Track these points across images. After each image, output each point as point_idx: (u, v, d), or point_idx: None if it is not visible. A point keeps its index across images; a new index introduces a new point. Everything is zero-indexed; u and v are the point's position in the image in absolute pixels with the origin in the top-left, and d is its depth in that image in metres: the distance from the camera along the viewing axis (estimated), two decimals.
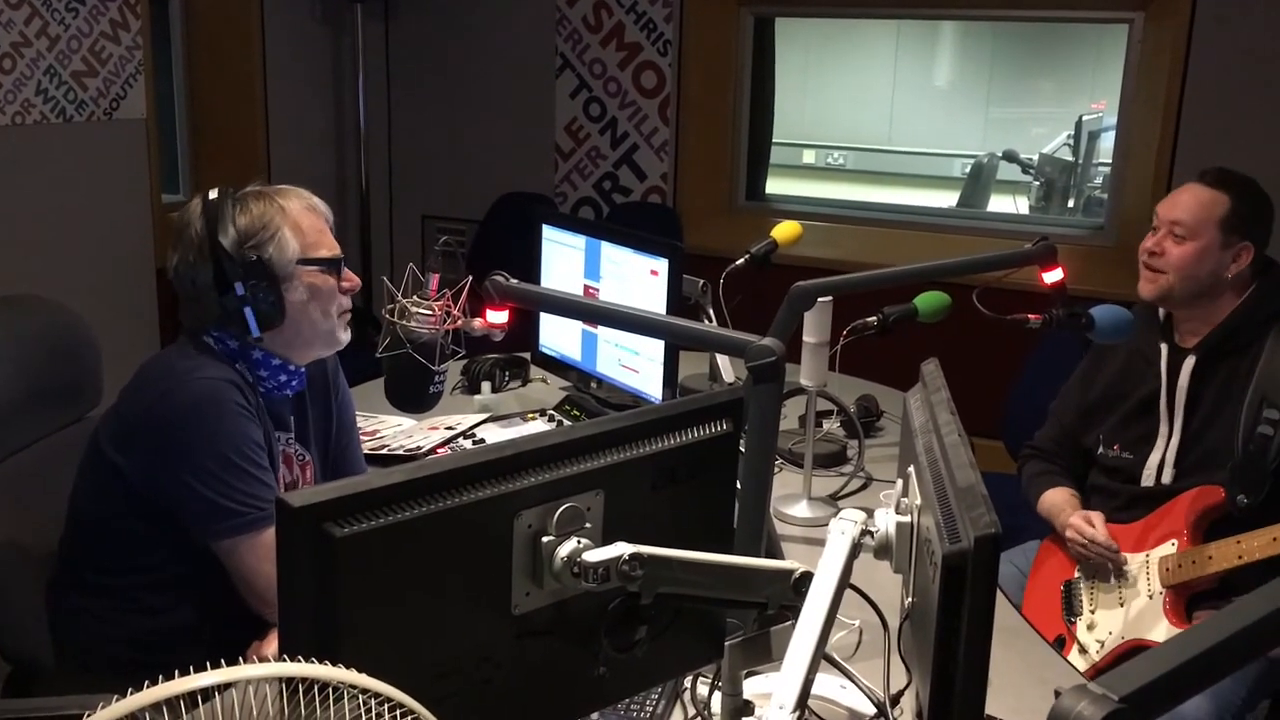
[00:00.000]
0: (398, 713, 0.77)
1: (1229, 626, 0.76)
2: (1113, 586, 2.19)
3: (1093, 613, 2.19)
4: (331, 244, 1.78)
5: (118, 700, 0.71)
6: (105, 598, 1.74)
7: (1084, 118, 6.62)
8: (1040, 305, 2.19)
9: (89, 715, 0.71)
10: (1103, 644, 2.14)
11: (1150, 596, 2.12)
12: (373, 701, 0.76)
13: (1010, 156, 6.70)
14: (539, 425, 2.56)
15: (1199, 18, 3.84)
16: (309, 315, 1.75)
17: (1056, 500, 2.33)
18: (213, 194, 1.71)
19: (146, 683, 0.72)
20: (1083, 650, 2.16)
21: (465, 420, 2.53)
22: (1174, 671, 0.74)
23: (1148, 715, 0.72)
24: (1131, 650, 2.08)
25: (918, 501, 1.16)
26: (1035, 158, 6.71)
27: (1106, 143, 5.73)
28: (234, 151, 4.65)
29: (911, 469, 1.21)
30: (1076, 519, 2.23)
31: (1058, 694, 0.70)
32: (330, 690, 0.76)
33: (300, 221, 1.73)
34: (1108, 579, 2.19)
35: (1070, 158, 6.67)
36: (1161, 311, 2.29)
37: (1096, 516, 2.22)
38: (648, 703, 1.46)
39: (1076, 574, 2.26)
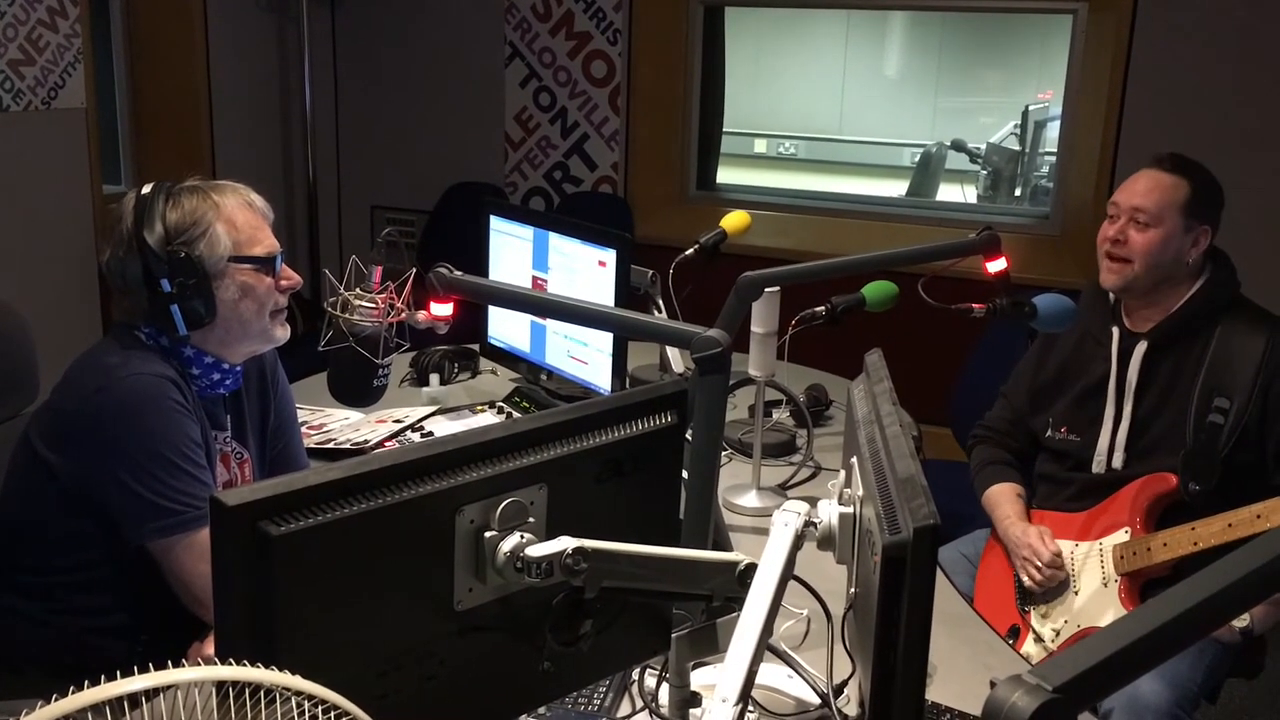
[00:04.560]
0: (333, 714, 0.76)
1: (1164, 613, 0.76)
2: (1065, 576, 2.20)
3: (1047, 602, 2.20)
4: (269, 241, 1.74)
5: (43, 706, 0.69)
6: (37, 599, 1.71)
7: (1030, 107, 6.69)
8: (985, 294, 2.20)
9: None
10: (1058, 632, 2.15)
11: (1105, 584, 2.13)
12: (306, 704, 0.75)
13: (958, 146, 6.76)
14: (488, 417, 2.54)
15: (1141, 8, 3.89)
16: (240, 314, 1.71)
17: (1001, 502, 2.33)
18: (146, 189, 1.67)
19: (72, 688, 0.70)
20: (1038, 639, 2.17)
21: (413, 413, 2.51)
22: (1109, 659, 0.73)
23: (1083, 704, 0.72)
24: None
25: (860, 492, 1.17)
26: (983, 147, 6.77)
27: (1052, 132, 5.79)
28: (177, 140, 4.57)
29: (854, 460, 1.22)
30: (1035, 542, 2.20)
31: (993, 685, 0.70)
32: (263, 694, 0.75)
33: (234, 218, 1.70)
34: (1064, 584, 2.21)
35: (1017, 147, 6.73)
36: (1112, 295, 2.31)
37: (1047, 534, 2.21)
38: (595, 695, 1.46)
39: None
